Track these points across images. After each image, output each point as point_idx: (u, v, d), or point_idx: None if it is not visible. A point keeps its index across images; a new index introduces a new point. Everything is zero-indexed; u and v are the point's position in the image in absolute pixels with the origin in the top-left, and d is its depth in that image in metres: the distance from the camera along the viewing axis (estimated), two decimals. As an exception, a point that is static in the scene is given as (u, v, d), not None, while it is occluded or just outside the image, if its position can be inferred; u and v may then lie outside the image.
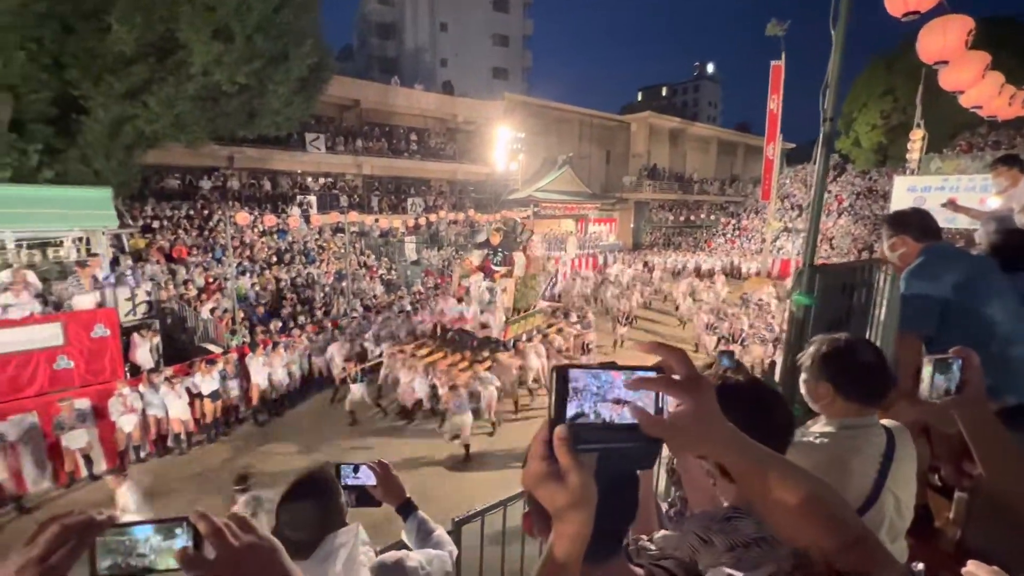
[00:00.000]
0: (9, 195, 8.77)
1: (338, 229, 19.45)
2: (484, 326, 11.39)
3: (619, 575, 0.69)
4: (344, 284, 15.64)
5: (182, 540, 0.67)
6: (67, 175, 10.95)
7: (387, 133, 25.66)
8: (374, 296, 16.03)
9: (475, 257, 12.79)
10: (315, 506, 1.30)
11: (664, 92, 70.40)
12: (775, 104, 20.48)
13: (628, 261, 25.41)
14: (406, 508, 1.59)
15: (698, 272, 24.78)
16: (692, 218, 35.86)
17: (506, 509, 2.67)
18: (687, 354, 0.64)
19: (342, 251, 17.92)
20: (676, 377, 0.62)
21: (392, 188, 26.10)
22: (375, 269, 18.65)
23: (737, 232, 33.59)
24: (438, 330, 11.99)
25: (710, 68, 70.24)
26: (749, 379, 1.10)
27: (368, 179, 25.17)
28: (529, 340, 11.59)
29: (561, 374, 0.60)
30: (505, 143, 26.08)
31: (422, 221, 19.76)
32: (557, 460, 0.59)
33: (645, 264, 25.95)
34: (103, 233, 9.91)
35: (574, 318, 13.55)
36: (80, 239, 10.03)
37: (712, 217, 36.48)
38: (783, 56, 19.87)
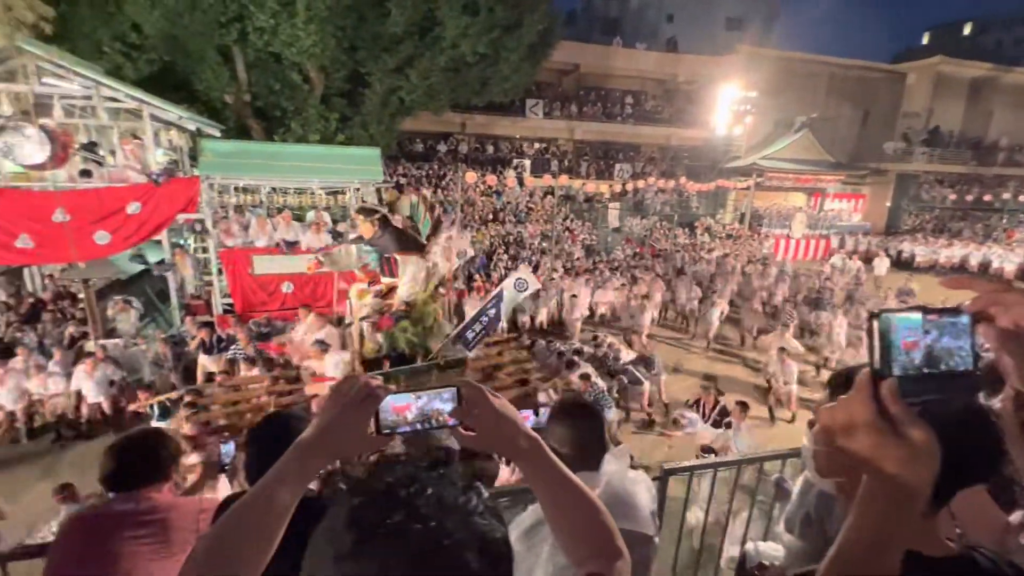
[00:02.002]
0: (317, 153, 11.49)
1: (547, 192, 20.38)
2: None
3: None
4: (547, 245, 16.48)
5: (449, 401, 0.82)
6: (352, 138, 13.80)
7: (602, 97, 25.45)
8: (577, 259, 16.51)
9: (344, 256, 7.58)
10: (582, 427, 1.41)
11: (968, 30, 53.13)
12: None
13: (864, 249, 20.68)
14: None
15: (985, 271, 18.88)
16: (988, 198, 26.97)
17: (716, 472, 2.55)
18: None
19: (549, 213, 18.79)
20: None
21: (601, 153, 26.02)
22: (576, 233, 19.11)
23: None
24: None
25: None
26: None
27: (579, 144, 25.55)
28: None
29: (881, 321, 0.56)
30: (730, 104, 23.37)
31: (628, 187, 19.32)
32: (887, 414, 0.55)
33: (897, 256, 20.73)
34: (372, 185, 12.26)
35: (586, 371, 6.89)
36: (357, 189, 12.65)
37: (1022, 198, 26.96)
38: None
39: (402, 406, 0.81)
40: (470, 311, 11.62)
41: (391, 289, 6.74)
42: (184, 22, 11.27)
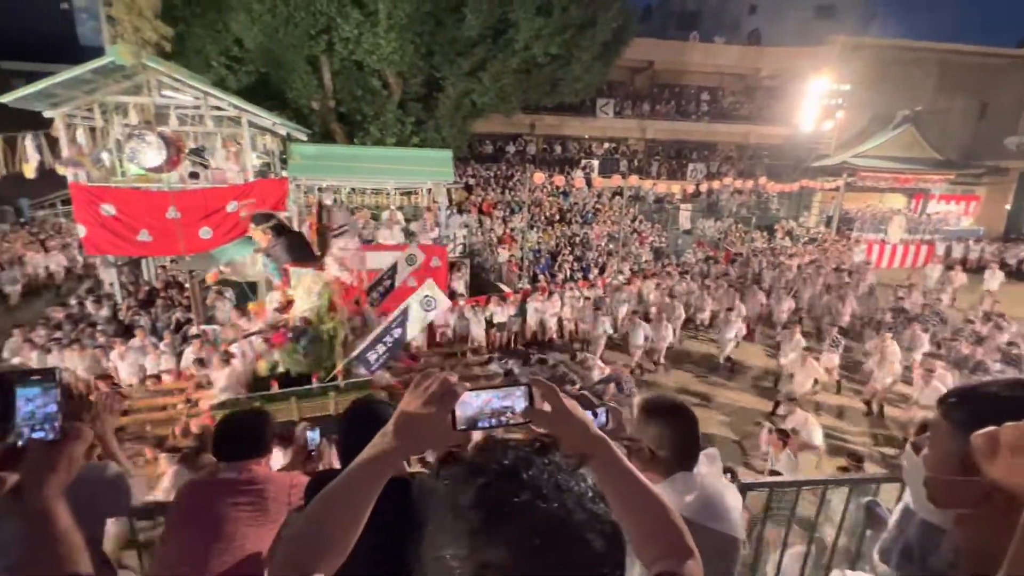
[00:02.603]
0: (393, 155, 12.03)
1: (616, 193, 20.00)
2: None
3: None
4: (614, 246, 16.19)
5: (521, 399, 0.83)
6: (425, 141, 14.31)
7: (676, 94, 24.59)
8: (645, 262, 16.09)
9: (249, 265, 7.18)
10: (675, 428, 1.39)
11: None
12: None
13: (976, 257, 18.26)
14: None
15: None
16: None
17: (800, 491, 2.38)
18: None
19: (617, 215, 18.44)
20: None
21: (673, 153, 25.15)
22: (645, 235, 18.61)
23: None
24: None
25: None
26: None
27: (650, 143, 24.86)
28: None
29: None
30: (819, 98, 21.72)
31: (702, 188, 18.52)
32: None
33: (1017, 266, 18.20)
34: (443, 186, 12.64)
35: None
36: (429, 190, 13.11)
37: None
38: None
39: (477, 403, 0.83)
40: (532, 311, 11.75)
41: (289, 303, 6.23)
42: (279, 36, 12.22)
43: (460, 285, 12.34)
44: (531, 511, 0.51)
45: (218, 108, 9.68)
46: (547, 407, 0.87)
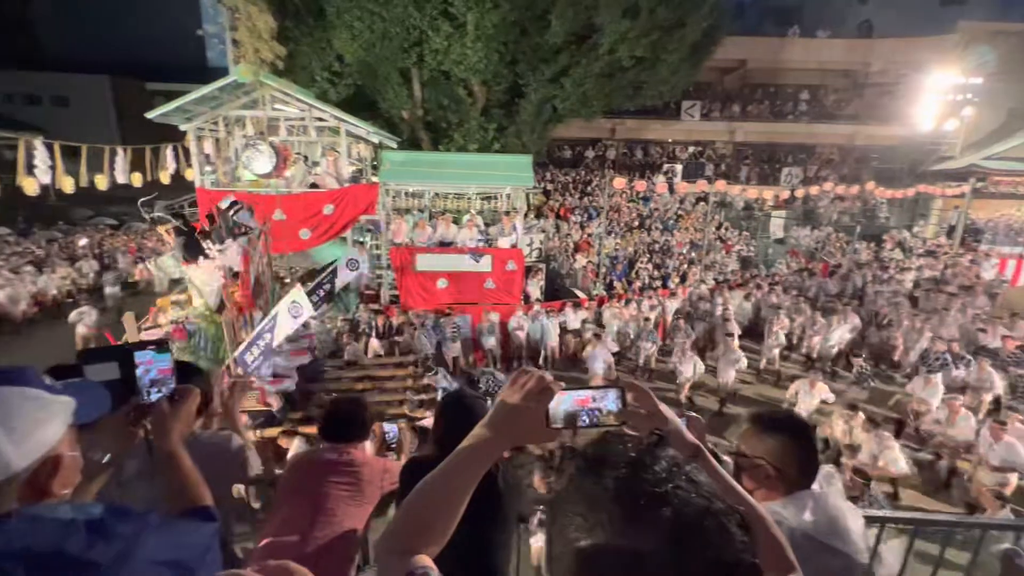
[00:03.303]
0: (475, 160, 12.39)
1: (700, 198, 19.14)
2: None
3: None
4: (696, 254, 15.47)
5: (614, 401, 0.84)
6: (506, 146, 14.59)
7: (771, 94, 23.10)
8: (731, 271, 15.24)
9: (170, 264, 7.20)
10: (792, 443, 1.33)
11: None
12: None
13: None
14: None
15: None
16: None
17: (915, 536, 2.12)
18: None
19: (701, 221, 17.62)
20: None
21: (765, 156, 23.62)
22: (731, 243, 17.61)
23: None
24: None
25: None
26: None
27: (740, 146, 23.54)
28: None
29: None
30: (941, 94, 19.38)
31: (798, 194, 17.19)
32: None
33: None
34: (522, 191, 12.80)
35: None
36: (508, 195, 13.33)
37: None
38: None
39: (571, 402, 0.85)
40: (609, 319, 11.52)
41: (189, 300, 6.32)
42: (376, 50, 13.07)
43: (535, 290, 12.41)
44: (675, 500, 0.52)
45: (320, 119, 10.52)
46: (641, 410, 0.88)
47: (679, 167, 22.21)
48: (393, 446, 2.52)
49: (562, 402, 0.85)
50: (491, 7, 12.02)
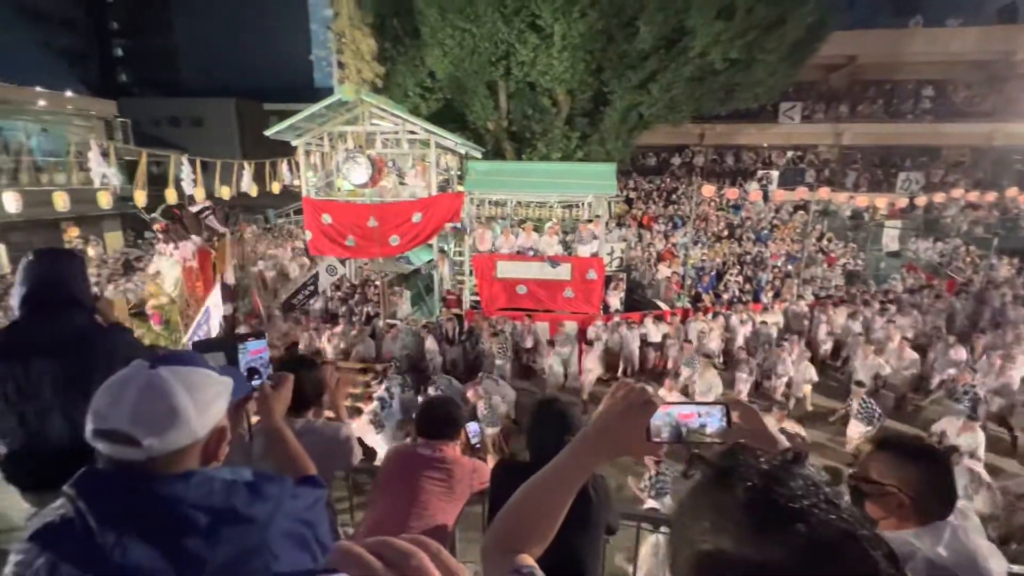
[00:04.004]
0: (559, 169, 12.44)
1: (799, 207, 17.73)
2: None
3: None
4: (793, 267, 14.31)
5: (719, 418, 0.83)
6: (589, 154, 14.51)
7: (886, 92, 20.92)
8: (835, 286, 13.93)
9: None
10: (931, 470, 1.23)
11: None
12: None
13: None
14: None
15: None
16: None
17: None
18: None
19: (799, 232, 16.32)
20: None
21: (877, 160, 21.39)
22: (835, 256, 16.08)
23: None
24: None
25: None
26: None
27: (846, 150, 21.52)
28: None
29: None
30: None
31: (918, 201, 15.32)
32: None
33: None
34: (605, 199, 12.64)
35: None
36: (590, 204, 13.22)
37: None
38: None
39: (672, 417, 0.84)
40: (692, 332, 10.96)
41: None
42: (465, 65, 13.62)
43: (615, 300, 12.16)
44: (812, 518, 0.50)
45: (412, 132, 11.13)
46: (747, 428, 0.86)
47: (775, 173, 20.73)
48: (477, 446, 2.58)
49: (664, 416, 0.84)
50: (578, 17, 12.07)
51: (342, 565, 0.43)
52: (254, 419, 1.44)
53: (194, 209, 8.01)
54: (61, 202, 9.79)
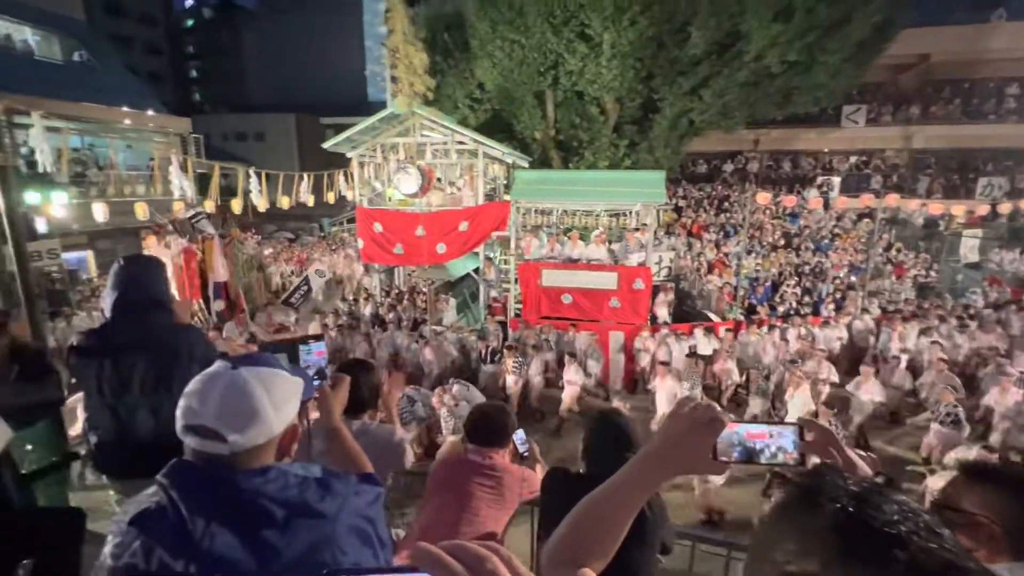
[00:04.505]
0: (604, 178, 12.32)
1: (863, 215, 16.72)
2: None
3: None
4: (857, 279, 13.47)
5: (792, 439, 0.81)
6: (637, 162, 14.28)
7: (964, 92, 19.44)
8: (904, 300, 13.01)
9: None
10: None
11: None
12: None
13: None
14: None
15: None
16: None
17: None
18: None
19: (864, 241, 15.38)
20: None
21: (954, 165, 19.85)
22: (905, 267, 15.01)
23: None
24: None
25: None
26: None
27: (917, 154, 20.12)
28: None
29: None
30: None
31: (1003, 209, 14.07)
32: None
33: None
34: (653, 207, 12.39)
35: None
36: (637, 212, 13.00)
37: None
38: None
39: (740, 436, 0.82)
40: (740, 344, 10.49)
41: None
42: (514, 76, 13.78)
43: (663, 310, 11.85)
44: (912, 544, 0.48)
45: (461, 143, 11.36)
46: (818, 448, 0.83)
47: (836, 180, 19.64)
48: (525, 455, 2.58)
49: (732, 435, 0.81)
50: (628, 25, 11.95)
51: (423, 565, 0.44)
52: (313, 416, 1.49)
53: (187, 214, 9.24)
54: (142, 212, 10.64)
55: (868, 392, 7.38)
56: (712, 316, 12.54)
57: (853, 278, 13.99)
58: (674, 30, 12.45)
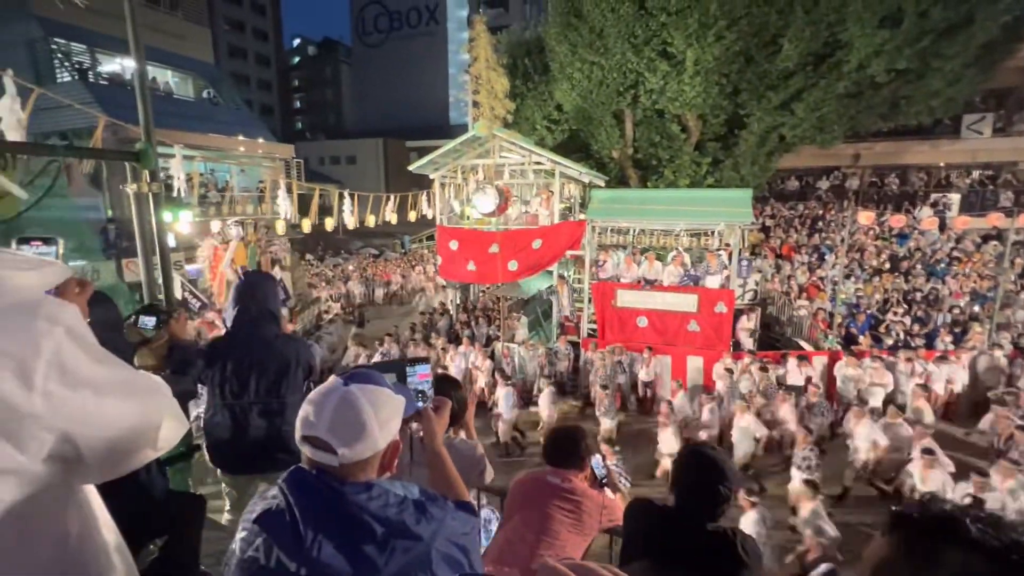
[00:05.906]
0: (685, 196, 11.91)
1: (988, 236, 14.75)
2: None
3: None
4: (982, 309, 11.82)
5: None
6: (721, 180, 13.66)
7: (1121, 94, 16.70)
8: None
9: None
10: None
11: None
12: None
13: None
14: None
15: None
16: None
17: None
18: None
19: (991, 266, 13.53)
20: None
21: (1109, 179, 17.02)
22: (1044, 296, 12.96)
23: None
24: None
25: None
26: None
27: (1060, 168, 17.51)
28: None
29: None
30: None
31: None
32: None
33: None
34: (738, 228, 11.77)
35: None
36: (720, 232, 12.39)
37: None
38: None
39: None
40: (842, 380, 9.53)
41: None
42: (592, 96, 13.82)
43: (745, 336, 11.13)
44: None
45: (538, 163, 11.53)
46: None
47: (955, 197, 17.53)
48: (604, 481, 2.51)
49: None
50: (713, 41, 11.58)
51: None
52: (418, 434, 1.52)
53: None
54: (281, 229, 12.01)
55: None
56: (803, 344, 11.59)
57: (976, 308, 12.31)
58: (763, 43, 11.87)
